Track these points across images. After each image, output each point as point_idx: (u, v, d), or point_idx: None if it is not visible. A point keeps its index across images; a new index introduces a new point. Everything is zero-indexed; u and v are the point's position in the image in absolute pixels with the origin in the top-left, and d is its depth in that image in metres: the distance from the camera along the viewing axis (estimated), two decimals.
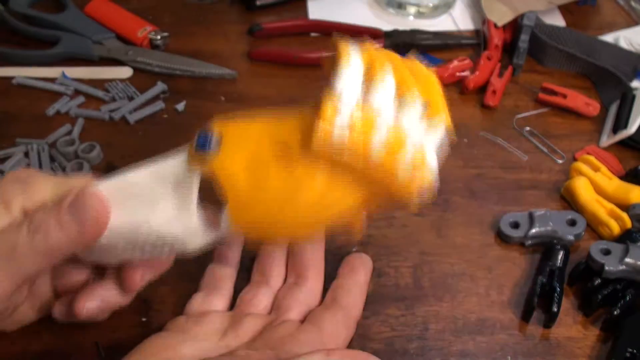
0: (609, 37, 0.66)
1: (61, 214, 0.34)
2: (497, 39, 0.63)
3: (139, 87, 0.59)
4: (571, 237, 0.47)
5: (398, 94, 0.34)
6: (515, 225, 0.48)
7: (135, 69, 0.61)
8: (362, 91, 0.34)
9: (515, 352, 0.42)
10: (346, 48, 0.35)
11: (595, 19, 0.70)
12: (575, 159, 0.54)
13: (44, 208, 0.34)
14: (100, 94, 0.58)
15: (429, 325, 0.43)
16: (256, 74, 0.62)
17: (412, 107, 0.35)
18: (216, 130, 0.35)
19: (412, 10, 0.69)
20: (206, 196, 0.35)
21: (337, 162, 0.34)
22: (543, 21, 0.65)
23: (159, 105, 0.57)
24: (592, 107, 0.58)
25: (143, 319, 0.43)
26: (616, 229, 0.47)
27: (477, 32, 0.67)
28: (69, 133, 0.55)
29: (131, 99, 0.58)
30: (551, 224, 0.47)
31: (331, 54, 0.35)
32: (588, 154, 0.54)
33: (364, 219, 0.39)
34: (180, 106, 0.58)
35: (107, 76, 0.60)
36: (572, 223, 0.48)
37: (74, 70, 0.60)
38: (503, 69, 0.60)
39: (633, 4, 0.70)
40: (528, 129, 0.57)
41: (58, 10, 0.65)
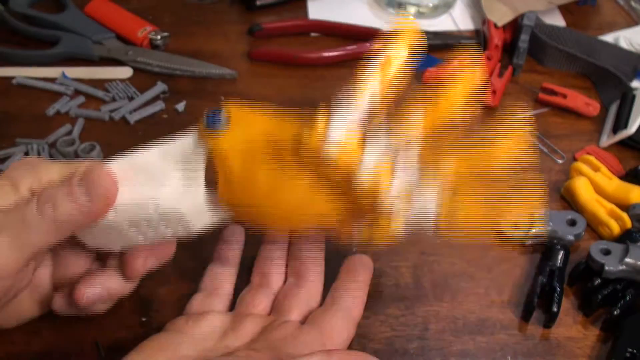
0: (609, 37, 0.66)
1: (72, 186, 0.34)
2: (497, 39, 0.63)
3: (139, 87, 0.59)
4: (571, 237, 0.47)
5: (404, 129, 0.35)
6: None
7: (135, 69, 0.61)
8: (371, 110, 0.35)
9: (515, 352, 0.42)
10: (371, 65, 0.36)
11: (595, 19, 0.70)
12: (575, 159, 0.54)
13: (53, 186, 0.35)
14: (100, 94, 0.58)
15: (429, 325, 0.43)
16: (256, 74, 0.62)
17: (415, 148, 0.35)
18: (225, 110, 0.36)
19: (412, 10, 0.69)
20: (213, 176, 0.36)
21: (321, 172, 0.35)
22: (543, 21, 0.65)
23: (159, 105, 0.57)
24: (592, 107, 0.58)
25: (143, 319, 0.43)
26: (616, 229, 0.47)
27: (477, 32, 0.67)
28: (69, 133, 0.55)
29: (131, 99, 0.58)
30: (551, 224, 0.47)
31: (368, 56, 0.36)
32: (588, 154, 0.54)
33: (353, 228, 0.38)
34: (180, 106, 0.58)
35: (107, 76, 0.60)
36: (572, 223, 0.48)
37: (74, 70, 0.60)
38: (503, 69, 0.60)
39: (633, 4, 0.70)
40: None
41: (58, 10, 0.65)
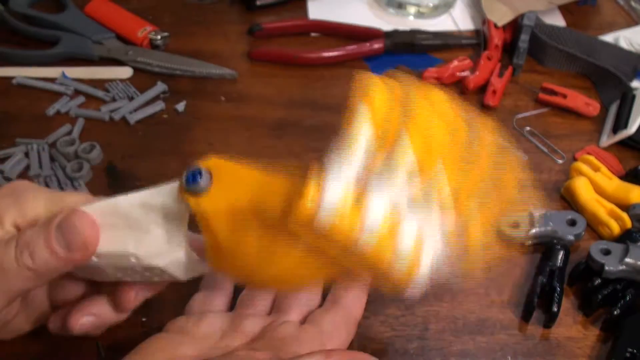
0: (609, 37, 0.66)
1: (50, 234, 0.33)
2: (497, 39, 0.63)
3: (139, 87, 0.59)
4: (571, 237, 0.47)
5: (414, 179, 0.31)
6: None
7: (135, 69, 0.61)
8: (366, 164, 0.31)
9: (515, 352, 0.42)
10: (358, 110, 0.31)
11: (595, 19, 0.70)
12: (575, 159, 0.54)
13: (34, 227, 0.34)
14: (100, 94, 0.58)
15: (429, 325, 0.43)
16: (256, 74, 0.62)
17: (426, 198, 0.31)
18: (207, 169, 0.33)
19: (412, 10, 0.69)
20: (197, 228, 0.34)
21: (316, 243, 0.31)
22: (543, 21, 0.65)
23: (159, 105, 0.57)
24: (592, 107, 0.58)
25: (143, 319, 0.43)
26: (616, 229, 0.47)
27: (477, 32, 0.67)
28: (69, 133, 0.55)
29: (131, 99, 0.58)
30: (551, 224, 0.47)
31: (349, 105, 0.31)
32: (588, 154, 0.54)
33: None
34: (180, 106, 0.58)
35: (107, 76, 0.60)
36: (572, 223, 0.48)
37: (74, 70, 0.60)
38: (503, 69, 0.60)
39: (633, 4, 0.70)
40: (528, 129, 0.57)
41: (58, 10, 0.65)
